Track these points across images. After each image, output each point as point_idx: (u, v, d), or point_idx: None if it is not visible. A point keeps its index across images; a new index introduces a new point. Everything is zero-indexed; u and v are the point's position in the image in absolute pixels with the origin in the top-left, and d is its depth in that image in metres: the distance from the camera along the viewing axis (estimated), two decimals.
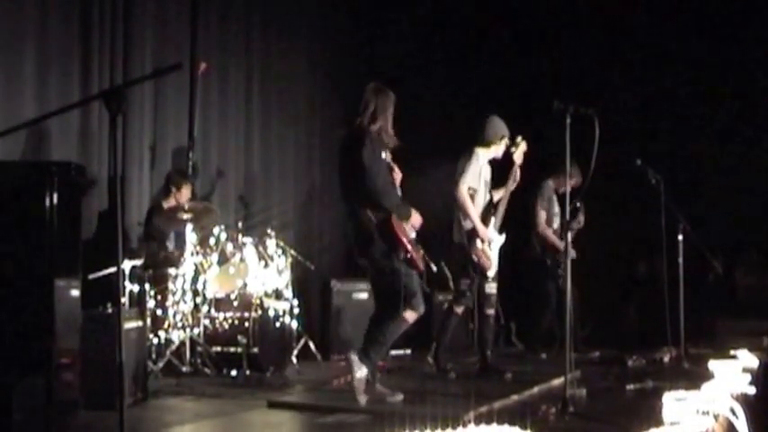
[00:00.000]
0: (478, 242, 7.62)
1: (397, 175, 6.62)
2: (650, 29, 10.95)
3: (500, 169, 7.90)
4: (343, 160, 6.47)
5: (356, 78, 10.78)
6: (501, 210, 7.81)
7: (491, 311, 7.82)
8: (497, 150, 7.77)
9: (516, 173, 7.82)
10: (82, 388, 5.35)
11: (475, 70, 11.58)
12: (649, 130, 10.83)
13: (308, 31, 10.52)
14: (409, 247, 6.28)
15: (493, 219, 7.75)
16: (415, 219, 6.52)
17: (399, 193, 6.54)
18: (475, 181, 7.64)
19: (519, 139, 7.80)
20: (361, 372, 6.21)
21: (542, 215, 9.21)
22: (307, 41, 10.52)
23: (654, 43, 10.91)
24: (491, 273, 7.70)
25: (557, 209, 9.32)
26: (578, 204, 9.13)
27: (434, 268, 6.86)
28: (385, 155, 6.41)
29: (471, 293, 7.75)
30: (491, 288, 7.78)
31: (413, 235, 6.49)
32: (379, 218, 6.25)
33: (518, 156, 7.78)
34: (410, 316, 6.32)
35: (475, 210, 7.60)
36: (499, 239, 7.78)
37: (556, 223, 9.29)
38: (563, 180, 9.07)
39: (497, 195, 7.83)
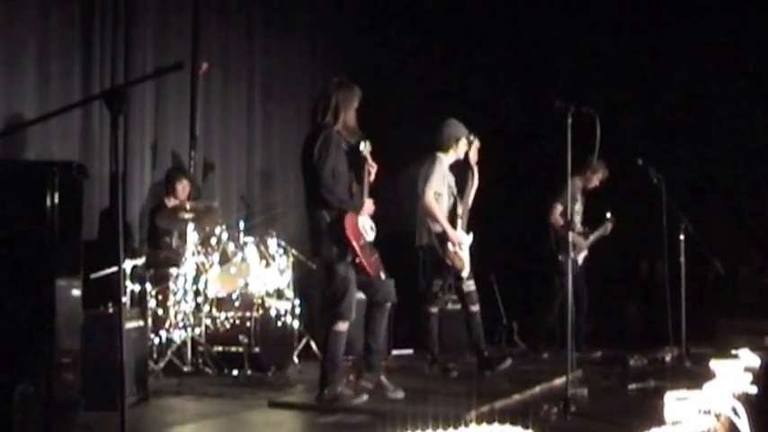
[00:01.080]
0: (449, 245, 7.64)
1: (372, 168, 6.45)
2: (651, 28, 10.94)
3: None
4: (303, 159, 6.36)
5: (358, 77, 10.79)
6: (465, 210, 7.86)
7: (475, 308, 7.84)
8: (457, 153, 7.80)
9: (475, 173, 7.85)
10: (83, 388, 5.33)
11: (475, 70, 11.59)
12: (651, 130, 10.82)
13: (309, 30, 10.52)
14: (358, 250, 6.23)
15: (459, 220, 7.78)
16: (368, 206, 6.41)
17: (367, 185, 6.42)
18: (439, 185, 7.67)
19: (472, 137, 7.82)
20: (338, 394, 6.24)
21: (558, 208, 9.12)
22: (308, 41, 10.52)
23: (655, 42, 10.91)
24: (465, 273, 7.73)
25: (579, 206, 9.32)
26: (609, 216, 9.17)
27: (383, 276, 6.74)
28: (346, 149, 6.32)
29: (443, 293, 7.82)
30: (469, 286, 7.82)
31: (370, 238, 6.40)
32: (332, 217, 6.20)
33: (473, 154, 7.81)
34: (342, 326, 6.31)
35: (442, 214, 7.62)
36: (468, 240, 7.80)
37: (577, 219, 9.28)
38: (590, 177, 9.18)
39: (464, 200, 7.87)
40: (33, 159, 7.07)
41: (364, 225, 6.36)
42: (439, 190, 7.67)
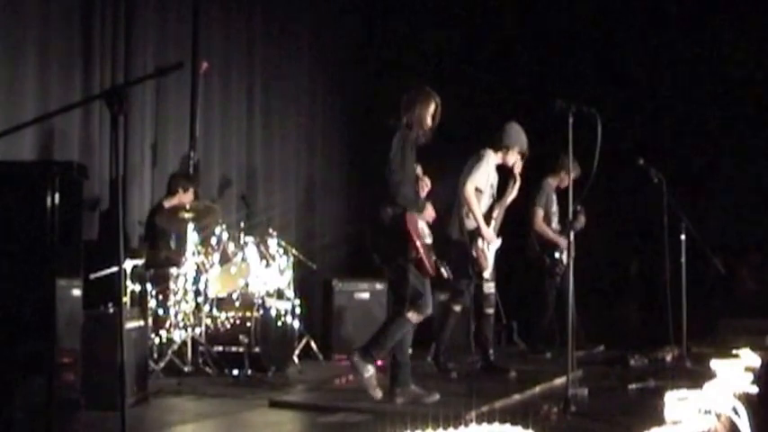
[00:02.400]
0: (480, 241, 7.66)
1: (426, 185, 6.62)
2: (652, 29, 10.94)
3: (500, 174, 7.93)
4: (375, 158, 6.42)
5: (358, 77, 10.82)
6: (500, 214, 7.85)
7: (491, 311, 7.88)
8: (508, 158, 7.81)
9: (517, 181, 7.86)
10: (83, 388, 5.34)
11: (476, 69, 11.58)
12: (651, 129, 10.82)
13: (310, 29, 10.52)
14: (420, 248, 6.25)
15: (493, 222, 7.79)
16: (429, 212, 6.49)
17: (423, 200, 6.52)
18: (482, 182, 7.67)
19: (526, 149, 7.86)
20: (368, 371, 6.19)
21: (539, 213, 9.19)
22: (309, 40, 10.52)
23: (656, 42, 10.91)
24: (487, 273, 7.74)
25: (555, 207, 9.31)
26: (579, 207, 9.14)
27: (446, 275, 6.82)
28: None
29: (469, 293, 7.77)
30: (489, 288, 7.85)
31: (428, 240, 6.45)
32: (395, 213, 6.23)
33: (519, 166, 7.84)
34: (413, 317, 6.28)
35: (479, 210, 7.63)
36: (496, 242, 7.81)
37: (554, 222, 9.28)
38: (563, 177, 9.17)
39: (501, 205, 7.87)
40: (33, 159, 7.07)
41: (423, 228, 6.41)
42: (480, 186, 7.68)
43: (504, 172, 7.93)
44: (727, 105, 10.67)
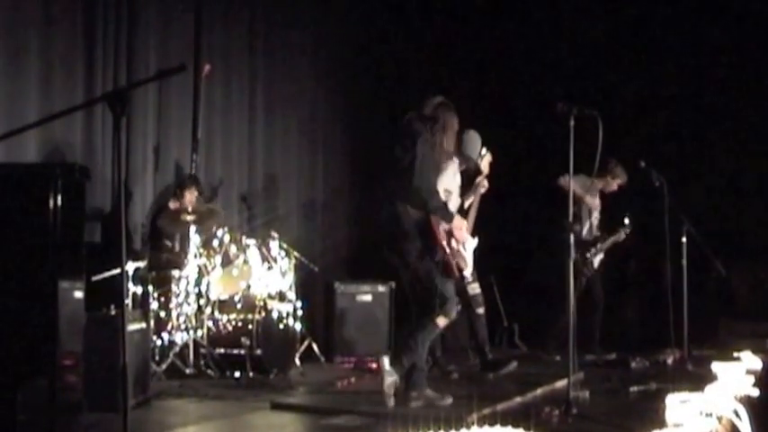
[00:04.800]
0: (453, 242, 7.66)
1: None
2: (653, 30, 10.95)
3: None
4: (393, 154, 6.36)
5: (360, 81, 10.82)
6: (472, 214, 7.88)
7: (481, 310, 7.91)
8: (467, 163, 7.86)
9: (483, 182, 7.92)
10: (85, 390, 5.34)
11: (477, 71, 11.60)
12: (652, 132, 10.82)
13: (311, 32, 10.52)
14: (447, 249, 6.25)
15: (465, 222, 7.80)
16: (457, 222, 6.52)
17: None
18: (450, 183, 7.70)
19: (484, 151, 7.89)
20: (392, 377, 6.14)
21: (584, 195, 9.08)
22: (310, 43, 10.52)
23: (657, 44, 10.91)
24: (467, 272, 7.72)
25: (597, 214, 9.33)
26: (627, 222, 9.16)
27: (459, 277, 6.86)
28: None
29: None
30: (473, 289, 7.88)
31: (461, 246, 6.47)
32: (420, 215, 6.22)
33: (484, 166, 7.90)
34: (442, 321, 6.29)
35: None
36: (472, 242, 7.81)
37: (595, 223, 9.29)
38: (609, 181, 9.19)
39: (467, 201, 7.89)
40: (36, 162, 7.08)
41: (464, 234, 6.56)
42: (449, 188, 7.70)
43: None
44: (730, 107, 10.68)
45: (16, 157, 6.78)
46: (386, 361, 6.18)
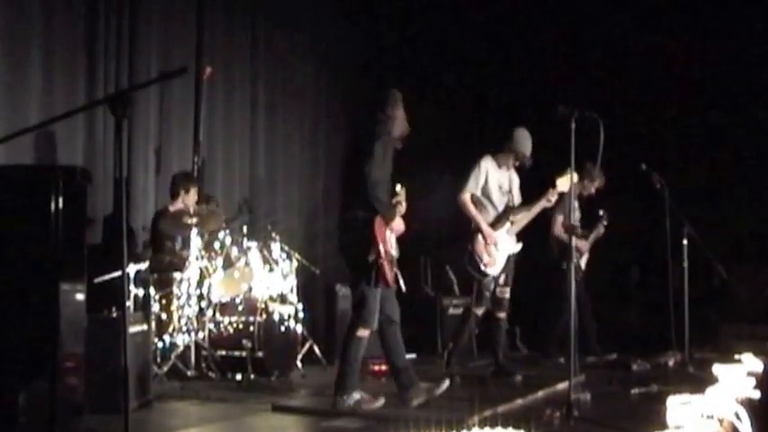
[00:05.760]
0: (479, 237, 7.66)
1: (402, 205, 6.50)
2: (654, 33, 10.95)
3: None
4: (348, 160, 6.45)
5: (362, 82, 10.83)
6: (521, 220, 7.88)
7: (502, 315, 7.93)
8: (507, 160, 7.82)
9: (551, 195, 7.77)
10: (86, 392, 5.34)
11: (479, 73, 11.61)
12: (654, 135, 10.82)
13: (313, 34, 10.53)
14: (382, 253, 6.23)
15: (508, 224, 7.79)
16: (398, 223, 6.47)
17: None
18: (474, 188, 7.70)
19: (569, 170, 7.77)
20: (354, 401, 6.18)
21: (559, 218, 9.15)
22: (312, 45, 10.54)
23: (658, 47, 10.92)
24: (491, 270, 7.71)
25: (577, 213, 9.31)
26: (601, 213, 9.17)
27: (404, 288, 6.79)
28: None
29: (482, 293, 7.80)
30: (503, 292, 7.89)
31: (394, 252, 6.43)
32: (366, 216, 6.21)
33: (562, 182, 7.66)
34: (362, 333, 6.29)
35: (478, 212, 7.65)
36: (510, 245, 7.80)
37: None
38: (586, 185, 9.19)
39: (522, 210, 7.87)
40: (38, 164, 7.08)
41: (391, 238, 6.40)
42: (474, 191, 7.71)
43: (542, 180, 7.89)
44: (729, 111, 10.68)
45: (18, 159, 6.79)
46: (341, 404, 6.17)
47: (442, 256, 10.41)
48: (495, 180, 7.84)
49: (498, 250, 7.76)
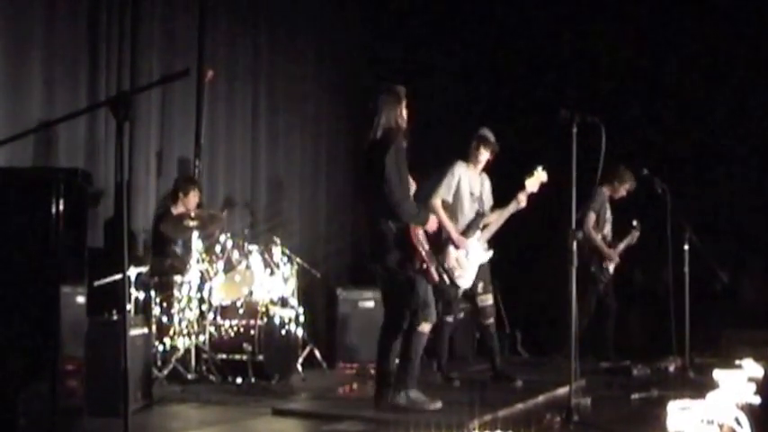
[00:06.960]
0: (451, 248, 7.62)
1: (412, 186, 6.50)
2: (655, 35, 10.96)
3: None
4: (366, 168, 6.34)
5: (364, 85, 10.82)
6: (492, 227, 7.84)
7: (488, 321, 7.90)
8: (477, 158, 7.80)
9: (522, 198, 7.73)
10: (87, 394, 5.36)
11: (480, 75, 11.61)
12: (655, 139, 10.82)
13: (315, 37, 10.53)
14: (425, 257, 6.24)
15: (479, 232, 7.76)
16: (431, 223, 6.46)
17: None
18: (446, 193, 7.68)
19: (540, 169, 7.76)
20: (408, 397, 6.16)
21: (592, 217, 9.10)
22: (314, 49, 10.53)
23: (658, 50, 10.92)
24: (462, 282, 7.66)
25: (609, 215, 9.32)
26: (635, 223, 9.17)
27: (448, 281, 6.85)
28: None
29: (456, 302, 7.79)
30: (483, 300, 7.86)
31: (428, 247, 6.45)
32: (398, 227, 6.19)
33: (531, 183, 7.72)
34: (425, 327, 6.27)
35: (448, 219, 7.62)
36: (480, 254, 7.76)
37: (606, 229, 9.30)
38: (617, 187, 9.18)
39: (493, 216, 7.85)
40: (39, 166, 7.09)
41: (421, 235, 6.38)
42: (446, 197, 7.69)
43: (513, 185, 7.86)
44: (732, 113, 10.68)
45: (19, 161, 6.79)
46: (398, 400, 6.14)
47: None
48: (466, 186, 7.80)
49: (469, 260, 7.72)
